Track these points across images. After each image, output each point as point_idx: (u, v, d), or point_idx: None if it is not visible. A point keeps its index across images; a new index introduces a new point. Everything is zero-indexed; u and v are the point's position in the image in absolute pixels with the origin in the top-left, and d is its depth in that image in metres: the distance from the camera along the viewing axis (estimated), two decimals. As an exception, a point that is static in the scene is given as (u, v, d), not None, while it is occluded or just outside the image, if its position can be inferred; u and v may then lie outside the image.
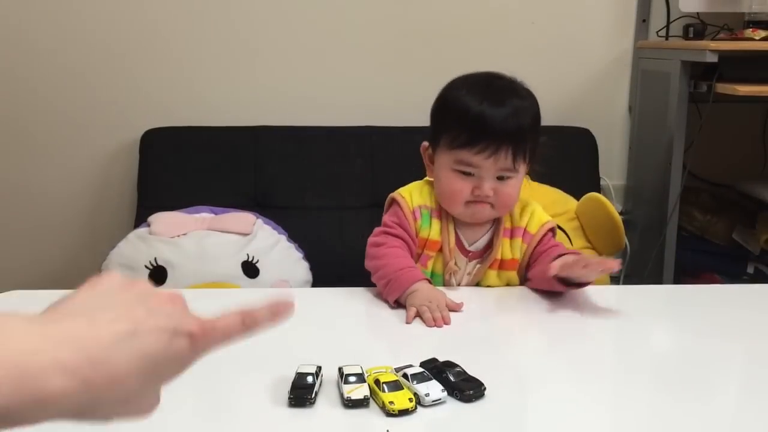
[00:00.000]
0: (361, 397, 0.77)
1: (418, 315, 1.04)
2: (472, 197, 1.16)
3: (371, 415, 0.76)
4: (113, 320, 0.43)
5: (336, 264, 2.03)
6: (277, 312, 0.51)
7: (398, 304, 1.09)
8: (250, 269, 1.80)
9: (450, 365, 0.83)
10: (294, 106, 2.33)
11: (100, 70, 2.30)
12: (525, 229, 1.22)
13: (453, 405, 0.78)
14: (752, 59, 1.88)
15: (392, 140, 2.22)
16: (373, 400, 0.78)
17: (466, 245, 1.21)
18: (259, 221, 1.93)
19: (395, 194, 1.24)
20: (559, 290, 1.13)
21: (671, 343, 1.06)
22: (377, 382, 0.79)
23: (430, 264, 1.20)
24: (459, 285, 1.21)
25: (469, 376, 0.81)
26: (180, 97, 2.32)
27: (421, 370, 0.82)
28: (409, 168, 1.98)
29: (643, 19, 2.34)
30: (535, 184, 2.01)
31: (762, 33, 1.91)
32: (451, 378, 0.81)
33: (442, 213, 1.21)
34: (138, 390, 0.43)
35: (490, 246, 1.22)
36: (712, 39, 2.12)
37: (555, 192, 2.00)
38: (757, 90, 1.78)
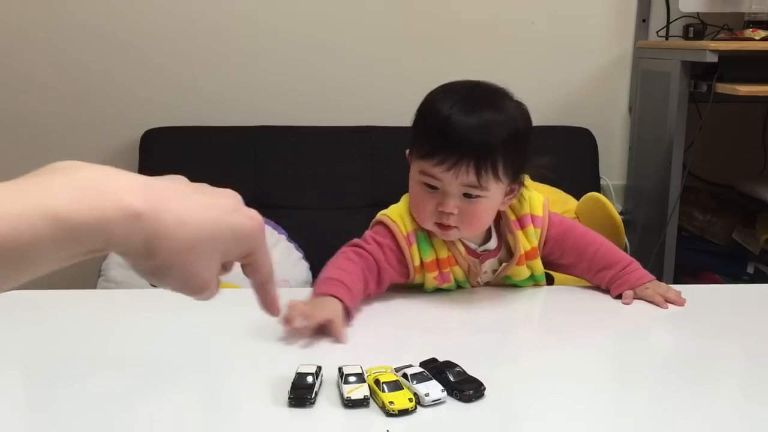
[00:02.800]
0: (361, 397, 0.77)
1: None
2: (438, 218, 1.08)
3: (371, 415, 0.76)
4: (180, 184, 0.51)
5: (336, 264, 2.03)
6: (268, 308, 0.62)
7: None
8: (250, 269, 1.80)
9: (450, 365, 0.83)
10: (294, 106, 2.33)
11: (100, 70, 2.30)
12: (531, 214, 1.17)
13: (453, 405, 0.78)
14: (752, 59, 1.88)
15: (392, 140, 2.21)
16: (373, 400, 0.78)
17: (475, 248, 1.17)
18: (259, 221, 1.93)
19: (384, 218, 1.15)
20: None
21: (671, 343, 1.06)
22: (377, 382, 0.78)
23: (452, 277, 1.16)
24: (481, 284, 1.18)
25: (469, 376, 0.81)
26: (180, 97, 2.32)
27: (421, 370, 0.82)
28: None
29: (643, 19, 2.34)
30: (536, 184, 2.01)
31: (762, 33, 1.91)
32: (451, 378, 0.80)
33: None
34: (200, 249, 0.49)
35: (501, 242, 1.18)
36: (712, 39, 2.12)
37: (555, 192, 2.00)
38: (757, 90, 1.78)
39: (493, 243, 1.17)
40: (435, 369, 0.83)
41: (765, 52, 1.84)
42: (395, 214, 1.15)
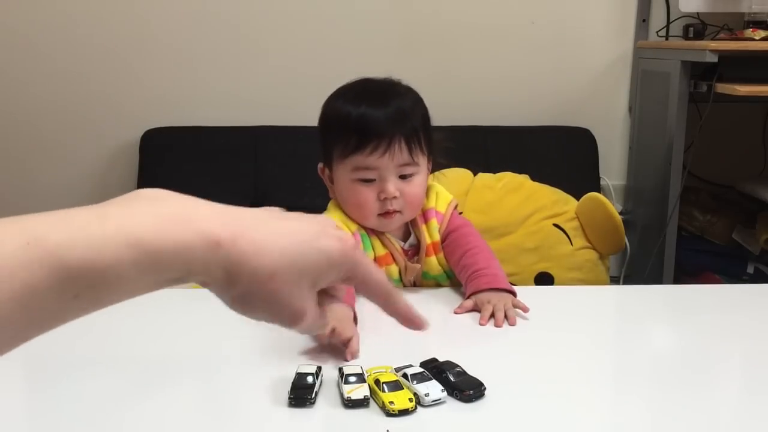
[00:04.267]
0: (361, 397, 0.77)
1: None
2: (381, 208, 1.13)
3: (371, 415, 0.76)
4: (264, 212, 0.50)
5: (336, 264, 2.03)
6: (411, 321, 0.58)
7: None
8: (250, 269, 1.80)
9: (450, 365, 0.83)
10: (294, 106, 2.32)
11: (100, 70, 2.30)
12: (435, 210, 1.21)
13: (453, 405, 0.78)
14: (752, 59, 1.88)
15: (392, 140, 2.22)
16: (373, 400, 0.78)
17: (404, 246, 1.20)
18: (259, 221, 1.93)
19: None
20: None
21: (671, 343, 1.06)
22: (377, 382, 0.79)
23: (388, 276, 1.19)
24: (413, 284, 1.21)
25: (469, 376, 0.81)
26: (180, 97, 2.32)
27: (421, 370, 0.82)
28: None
29: (643, 19, 2.34)
30: (536, 184, 2.02)
31: (762, 33, 1.91)
32: (451, 378, 0.81)
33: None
34: (283, 276, 0.47)
35: (417, 238, 1.21)
36: (712, 39, 2.12)
37: (555, 192, 2.00)
38: (757, 90, 1.78)
39: (414, 238, 1.21)
40: (435, 369, 0.83)
41: (765, 52, 1.84)
42: (335, 219, 1.17)
